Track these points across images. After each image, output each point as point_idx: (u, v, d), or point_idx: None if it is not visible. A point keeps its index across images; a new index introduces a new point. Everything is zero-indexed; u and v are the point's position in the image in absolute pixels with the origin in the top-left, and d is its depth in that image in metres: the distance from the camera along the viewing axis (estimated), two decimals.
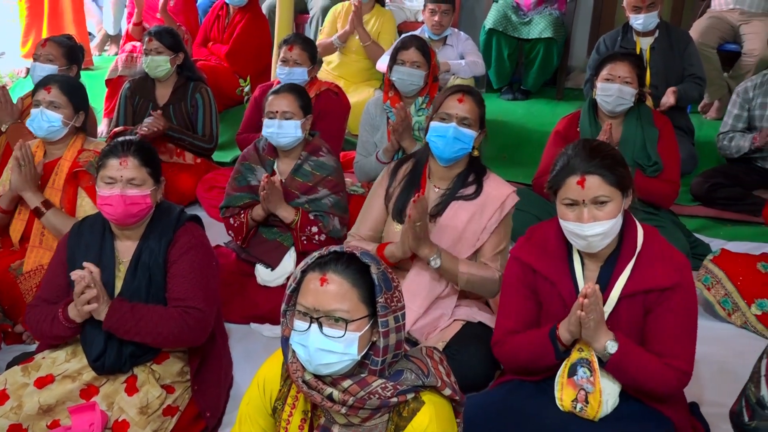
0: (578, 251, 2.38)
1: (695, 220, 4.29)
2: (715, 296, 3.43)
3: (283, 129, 3.34)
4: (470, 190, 2.92)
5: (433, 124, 2.89)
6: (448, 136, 2.85)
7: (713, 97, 5.63)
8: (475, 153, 2.94)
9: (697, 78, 4.70)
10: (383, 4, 5.69)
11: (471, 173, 2.94)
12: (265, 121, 3.37)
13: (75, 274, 2.36)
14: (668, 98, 4.55)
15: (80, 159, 3.18)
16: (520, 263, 2.46)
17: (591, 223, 2.25)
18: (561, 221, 2.32)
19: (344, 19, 5.44)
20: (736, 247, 3.91)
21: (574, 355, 2.33)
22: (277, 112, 3.35)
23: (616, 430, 2.28)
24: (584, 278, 2.37)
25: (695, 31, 5.40)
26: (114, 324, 2.43)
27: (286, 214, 3.31)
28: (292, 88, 3.46)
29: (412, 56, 3.77)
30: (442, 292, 2.92)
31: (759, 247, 3.90)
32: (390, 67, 3.83)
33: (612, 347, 2.24)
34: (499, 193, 2.91)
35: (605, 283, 2.33)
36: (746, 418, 2.25)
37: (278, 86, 3.50)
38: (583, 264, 2.38)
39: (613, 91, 3.62)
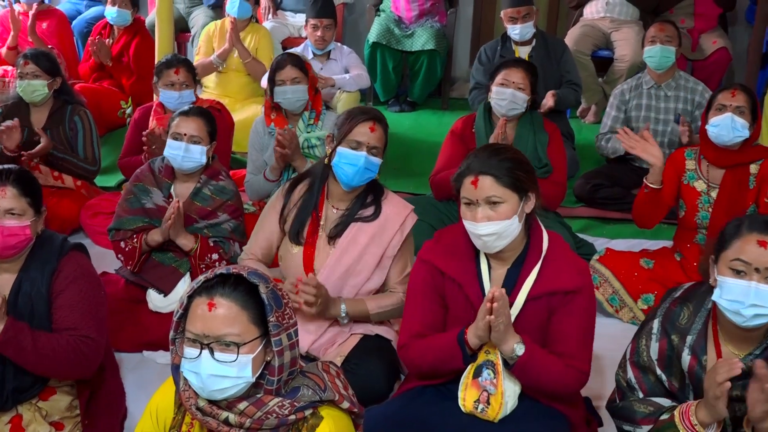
0: (486, 254, 2.42)
1: (579, 221, 4.44)
2: (604, 294, 3.56)
3: (189, 153, 3.26)
4: (369, 211, 2.88)
5: (343, 150, 2.80)
6: (359, 165, 2.78)
7: (590, 101, 5.86)
8: (377, 177, 2.92)
9: (574, 84, 4.88)
10: (257, 21, 5.66)
11: (369, 194, 2.91)
12: (170, 142, 3.28)
13: None
14: (548, 100, 4.69)
15: None
16: (427, 266, 2.47)
17: (484, 223, 2.29)
18: (463, 221, 2.36)
19: (219, 37, 5.38)
20: (618, 244, 4.08)
21: (481, 357, 2.36)
22: (185, 135, 3.27)
23: (516, 429, 2.32)
24: (491, 281, 2.40)
25: (570, 39, 5.61)
26: (11, 339, 2.27)
27: (186, 241, 3.23)
28: (202, 113, 3.38)
29: (290, 74, 3.76)
30: None
31: (640, 244, 4.07)
32: (271, 90, 3.80)
33: (519, 350, 2.28)
34: (398, 214, 2.90)
35: (512, 285, 2.37)
36: (617, 401, 2.35)
37: (188, 108, 3.42)
38: (489, 267, 2.42)
39: (507, 95, 3.70)
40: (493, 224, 2.30)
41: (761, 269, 2.10)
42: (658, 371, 2.28)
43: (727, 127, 3.33)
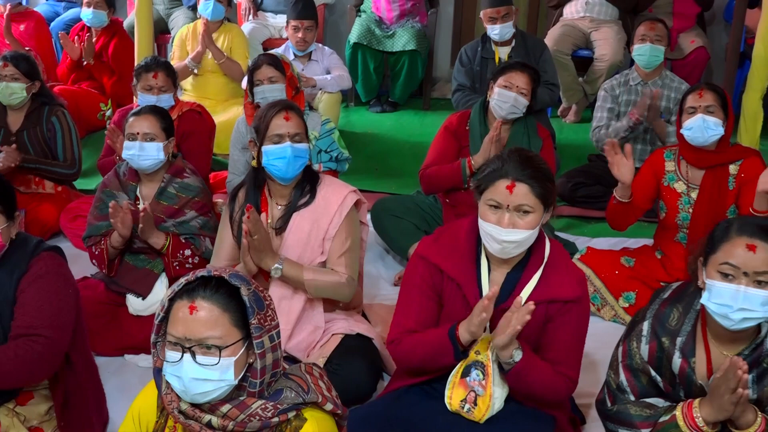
0: (486, 255, 2.41)
1: (560, 220, 4.46)
2: None
3: (145, 151, 3.24)
4: (306, 198, 2.93)
5: (268, 148, 2.86)
6: (288, 156, 2.83)
7: (570, 101, 5.89)
8: (309, 162, 2.95)
9: (550, 84, 4.88)
10: (229, 21, 5.65)
11: (306, 183, 2.95)
12: (126, 144, 3.26)
13: None
14: None
15: None
16: (426, 263, 2.46)
17: (509, 229, 2.28)
18: (480, 221, 2.34)
19: (193, 40, 5.37)
20: (599, 243, 4.10)
21: (471, 357, 2.37)
22: (138, 133, 3.25)
23: (502, 430, 2.33)
24: (490, 283, 2.40)
25: (550, 38, 5.63)
26: None
27: (157, 240, 3.21)
28: (154, 110, 3.37)
29: (266, 73, 3.76)
30: (305, 305, 2.92)
31: (621, 242, 4.10)
32: (251, 91, 3.80)
33: (518, 355, 2.28)
34: (336, 196, 2.93)
35: (510, 289, 2.37)
36: (609, 404, 2.36)
37: (139, 108, 3.41)
38: (489, 268, 2.42)
39: (510, 99, 3.66)
40: (519, 232, 2.29)
41: (750, 273, 2.09)
42: (653, 372, 2.28)
43: (699, 128, 3.35)
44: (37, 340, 2.31)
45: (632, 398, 2.31)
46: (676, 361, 2.24)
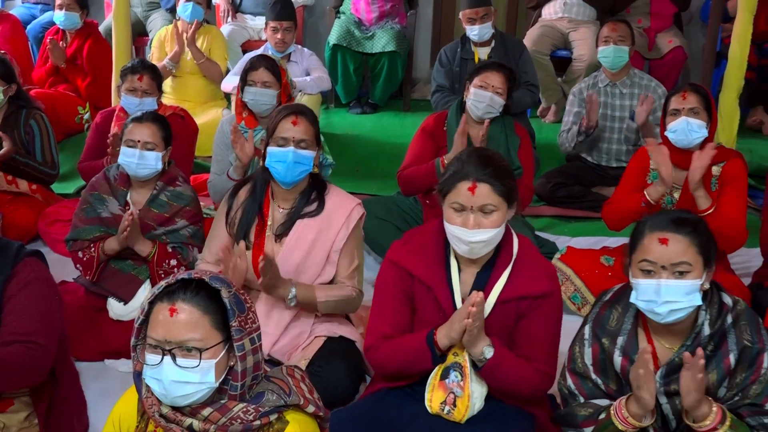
0: (455, 256, 2.42)
1: (541, 220, 4.47)
2: (566, 292, 3.58)
3: (144, 160, 3.21)
4: (313, 207, 2.92)
5: (271, 149, 2.86)
6: (288, 161, 2.83)
7: (549, 101, 5.92)
8: (315, 170, 2.94)
9: (531, 85, 4.91)
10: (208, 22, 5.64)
11: (313, 190, 2.94)
12: (124, 150, 3.23)
13: None
14: None
15: None
16: (396, 267, 2.47)
17: (475, 230, 2.30)
18: (446, 224, 2.35)
19: (171, 42, 5.36)
20: (579, 242, 4.12)
21: (449, 359, 2.38)
22: (138, 141, 3.22)
23: (483, 430, 2.34)
24: (460, 284, 2.41)
25: (529, 39, 5.67)
26: None
27: (143, 247, 3.20)
28: (156, 118, 3.34)
29: (261, 76, 3.74)
30: (298, 312, 2.90)
31: (600, 241, 4.12)
32: (241, 88, 3.79)
33: (488, 352, 2.29)
34: (343, 207, 2.92)
35: (481, 288, 2.38)
36: (561, 409, 2.40)
37: (140, 114, 3.37)
38: (459, 269, 2.43)
39: (486, 98, 3.67)
40: (485, 232, 2.31)
41: (667, 266, 2.15)
42: (593, 376, 2.34)
43: (683, 130, 3.35)
44: (34, 348, 2.29)
45: (581, 400, 2.35)
46: (617, 360, 2.28)
